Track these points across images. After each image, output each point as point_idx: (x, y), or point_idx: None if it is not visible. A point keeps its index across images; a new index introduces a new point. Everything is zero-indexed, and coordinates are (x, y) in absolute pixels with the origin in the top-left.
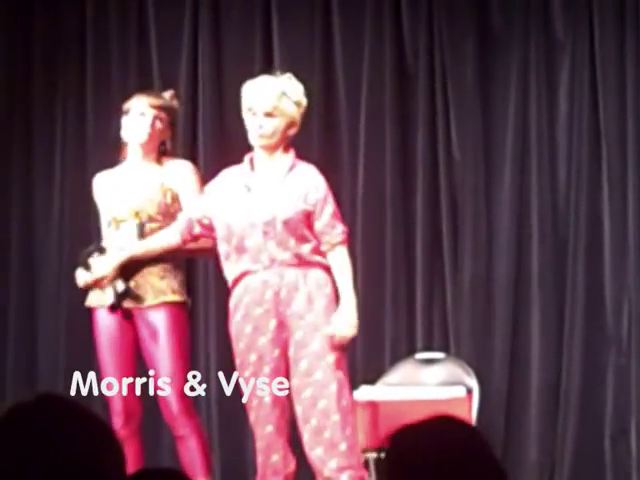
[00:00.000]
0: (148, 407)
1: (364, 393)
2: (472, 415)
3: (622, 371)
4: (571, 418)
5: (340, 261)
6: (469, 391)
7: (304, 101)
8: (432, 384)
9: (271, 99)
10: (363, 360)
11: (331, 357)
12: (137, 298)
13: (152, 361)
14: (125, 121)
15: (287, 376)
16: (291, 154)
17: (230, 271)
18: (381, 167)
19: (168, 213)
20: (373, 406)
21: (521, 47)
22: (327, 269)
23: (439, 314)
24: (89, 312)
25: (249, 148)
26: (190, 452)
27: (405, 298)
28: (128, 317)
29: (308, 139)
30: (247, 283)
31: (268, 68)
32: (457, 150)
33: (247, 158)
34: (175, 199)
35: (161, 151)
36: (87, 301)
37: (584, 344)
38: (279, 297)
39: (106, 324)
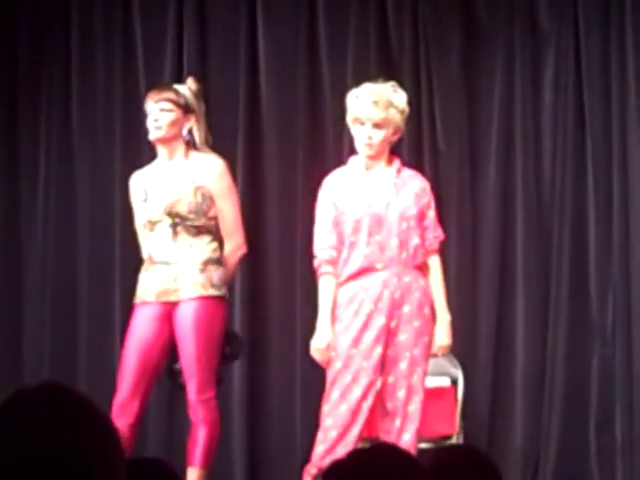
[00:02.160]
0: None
1: None
2: (457, 405)
3: (607, 361)
4: (556, 407)
5: (436, 269)
6: (454, 381)
7: (407, 109)
8: None
9: (380, 111)
10: None
11: (423, 365)
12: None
13: (182, 351)
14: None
15: (381, 372)
16: (396, 159)
17: (350, 265)
18: None
19: (200, 211)
20: None
21: (506, 39)
22: (425, 274)
23: None
24: (131, 308)
25: (234, 144)
26: (196, 440)
27: None
28: (168, 318)
29: (294, 132)
30: (364, 280)
31: (254, 64)
32: (442, 142)
33: (355, 160)
34: (207, 197)
35: (189, 143)
36: (135, 298)
37: (569, 334)
38: (394, 298)
39: (141, 323)
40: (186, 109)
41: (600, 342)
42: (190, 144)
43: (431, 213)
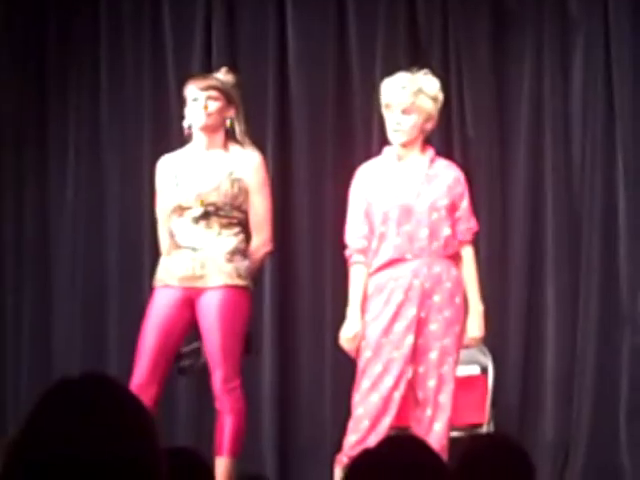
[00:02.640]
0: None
1: None
2: (487, 394)
3: (637, 349)
4: (586, 397)
5: (469, 260)
6: (484, 370)
7: (440, 96)
8: None
9: (408, 96)
10: None
11: (454, 355)
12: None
13: (206, 339)
14: (186, 110)
15: (412, 362)
16: (429, 149)
17: (380, 256)
18: None
19: (235, 204)
20: None
21: (535, 26)
22: (457, 264)
23: None
24: (151, 291)
25: (263, 136)
26: (223, 429)
27: None
28: (190, 303)
29: (323, 123)
30: (394, 271)
31: (283, 55)
32: (472, 130)
33: (388, 150)
34: (243, 190)
35: (229, 133)
36: (156, 281)
37: (599, 323)
38: (424, 288)
39: (162, 306)
40: (229, 99)
41: (631, 331)
42: (229, 134)
43: (464, 204)
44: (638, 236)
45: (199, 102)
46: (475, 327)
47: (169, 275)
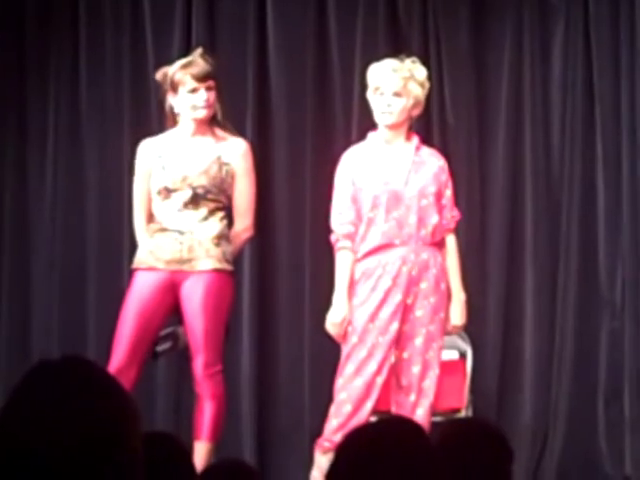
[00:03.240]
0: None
1: None
2: (466, 379)
3: (615, 334)
4: (565, 381)
5: (453, 248)
6: (463, 355)
7: (427, 83)
8: None
9: (400, 80)
10: None
11: (439, 341)
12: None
13: (189, 324)
14: (177, 99)
15: (396, 348)
16: (415, 136)
17: (368, 242)
18: None
19: (222, 187)
20: None
21: (515, 12)
22: (441, 251)
23: None
24: (131, 273)
25: (242, 123)
26: (203, 414)
27: None
28: (174, 287)
29: (302, 111)
30: (383, 256)
31: (263, 43)
32: (451, 116)
33: (374, 135)
34: (230, 175)
35: (214, 120)
36: (134, 263)
37: (578, 307)
38: (411, 274)
39: (142, 287)
40: (219, 84)
41: (609, 316)
42: (213, 118)
43: (448, 192)
44: (617, 222)
45: (200, 95)
46: (457, 315)
47: (154, 257)
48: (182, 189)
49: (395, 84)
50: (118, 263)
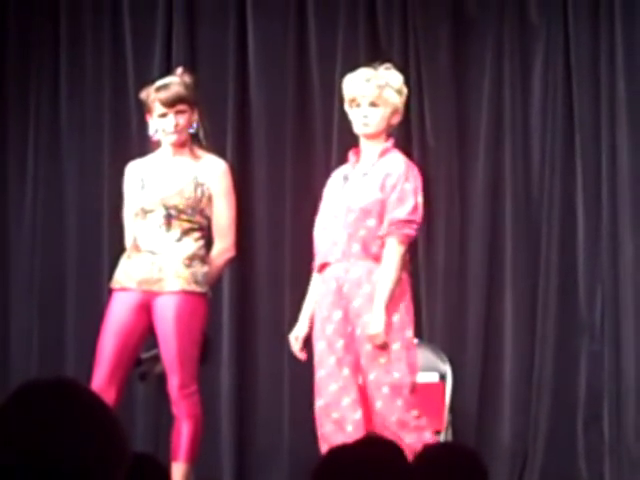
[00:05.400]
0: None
1: None
2: (445, 401)
3: (595, 357)
4: (544, 404)
5: (385, 253)
6: (442, 377)
7: (405, 89)
8: None
9: (375, 89)
10: None
11: (384, 359)
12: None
13: (162, 345)
14: (151, 121)
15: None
16: (388, 142)
17: (316, 261)
18: None
19: (197, 208)
20: None
21: (495, 32)
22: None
23: (412, 301)
24: (109, 292)
25: (222, 140)
26: (180, 435)
27: None
28: (147, 307)
29: (282, 128)
30: (324, 275)
31: (243, 62)
32: (431, 137)
33: (351, 152)
34: (207, 196)
35: (194, 136)
36: (114, 283)
37: (557, 330)
38: (342, 292)
39: (121, 308)
40: (193, 104)
41: (589, 338)
42: (194, 137)
43: (393, 197)
44: (596, 245)
45: (168, 120)
46: (372, 324)
47: (127, 278)
48: (156, 210)
49: (370, 94)
50: (97, 281)
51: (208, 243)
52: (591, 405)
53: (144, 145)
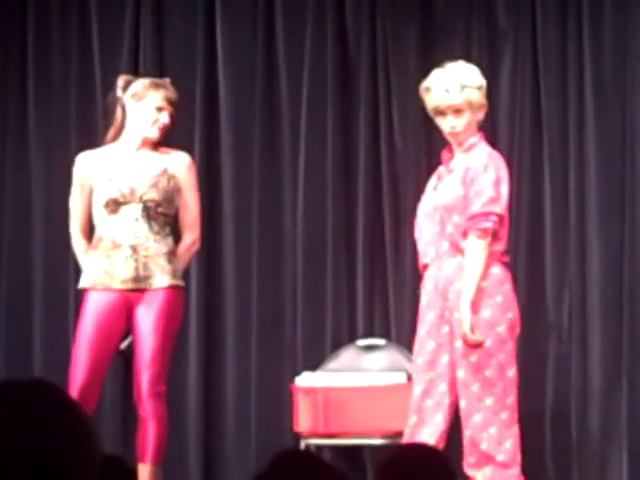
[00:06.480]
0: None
1: (305, 379)
2: None
3: (563, 359)
4: None
5: (470, 252)
6: (410, 377)
7: (483, 81)
8: (373, 370)
9: (456, 97)
10: (305, 346)
11: (474, 357)
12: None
13: (143, 340)
14: (139, 107)
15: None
16: (474, 137)
17: (420, 263)
18: (322, 157)
19: (170, 200)
20: (314, 392)
21: (463, 34)
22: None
23: (380, 301)
24: (81, 293)
25: (190, 139)
26: (146, 436)
27: (346, 286)
28: (129, 306)
29: (250, 129)
30: (425, 276)
31: (211, 62)
32: (399, 139)
33: (444, 151)
34: (176, 188)
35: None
36: (81, 282)
37: (525, 332)
38: (437, 291)
39: (99, 308)
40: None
41: (556, 340)
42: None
43: (472, 190)
44: (564, 247)
45: (163, 115)
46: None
47: (108, 277)
48: (131, 202)
49: (452, 102)
50: (64, 283)
51: (175, 236)
52: (559, 408)
53: (103, 139)
